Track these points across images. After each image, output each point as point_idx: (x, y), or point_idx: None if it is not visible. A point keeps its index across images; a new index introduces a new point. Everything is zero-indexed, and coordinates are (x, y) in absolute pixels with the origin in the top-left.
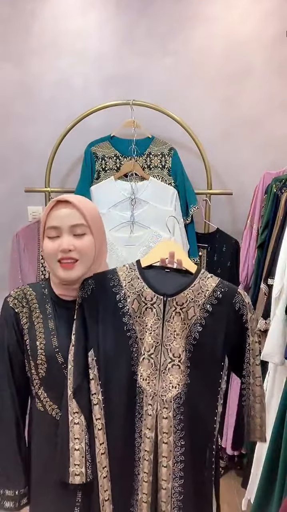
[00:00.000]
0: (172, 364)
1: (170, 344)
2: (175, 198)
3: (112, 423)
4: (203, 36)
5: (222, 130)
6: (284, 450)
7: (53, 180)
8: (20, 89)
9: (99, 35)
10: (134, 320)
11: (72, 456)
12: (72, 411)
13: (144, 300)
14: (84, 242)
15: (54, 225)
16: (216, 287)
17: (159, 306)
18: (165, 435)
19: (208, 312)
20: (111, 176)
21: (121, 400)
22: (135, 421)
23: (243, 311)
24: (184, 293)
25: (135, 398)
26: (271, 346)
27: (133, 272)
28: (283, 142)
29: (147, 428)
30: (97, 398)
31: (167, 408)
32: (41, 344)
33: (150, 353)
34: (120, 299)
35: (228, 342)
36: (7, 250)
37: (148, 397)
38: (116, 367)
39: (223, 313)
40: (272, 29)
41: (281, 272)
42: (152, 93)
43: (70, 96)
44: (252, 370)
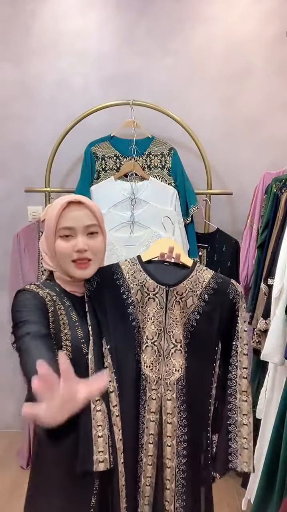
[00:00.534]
0: (175, 349)
1: (172, 331)
2: (175, 198)
3: (124, 411)
4: (203, 36)
5: (222, 130)
6: (284, 450)
7: (53, 180)
8: (20, 89)
9: (99, 35)
10: (137, 310)
11: (95, 444)
12: (94, 399)
13: (147, 290)
14: (97, 241)
15: (68, 226)
16: (212, 279)
17: (161, 296)
18: (169, 415)
19: (204, 301)
20: (111, 176)
21: (129, 387)
22: (139, 411)
23: (236, 300)
24: (183, 283)
25: (139, 385)
26: (271, 346)
27: (135, 266)
28: (283, 142)
29: (152, 412)
30: (113, 386)
31: (171, 390)
32: (67, 335)
33: (154, 341)
34: (124, 290)
35: (221, 328)
36: (7, 250)
37: (152, 383)
38: (124, 356)
39: (218, 301)
40: (272, 29)
41: (281, 272)
42: (152, 93)
43: (70, 96)
44: (239, 359)
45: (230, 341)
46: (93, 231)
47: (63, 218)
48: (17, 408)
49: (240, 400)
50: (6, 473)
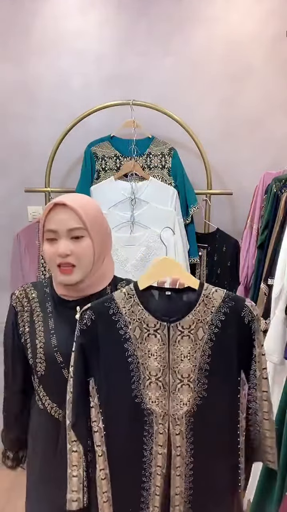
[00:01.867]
0: (181, 384)
1: (177, 367)
2: (175, 198)
3: (115, 448)
4: (203, 36)
5: (222, 130)
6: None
7: (53, 180)
8: (20, 89)
9: (99, 35)
10: (136, 346)
11: (70, 483)
12: (71, 440)
13: (146, 327)
14: (81, 246)
15: (51, 228)
16: (222, 302)
17: (163, 332)
18: (178, 448)
19: (217, 327)
20: (111, 176)
21: (124, 425)
22: (143, 441)
23: (252, 324)
24: (189, 316)
25: (143, 419)
26: (270, 345)
27: (131, 299)
28: (283, 142)
29: (159, 445)
30: (97, 426)
31: (179, 424)
32: (41, 343)
33: (158, 377)
34: (121, 326)
35: (240, 355)
36: (7, 250)
37: (158, 417)
38: (117, 393)
39: (232, 327)
40: (272, 29)
41: (281, 272)
42: (152, 93)
43: (70, 96)
44: (258, 384)
45: (248, 366)
46: (78, 235)
47: (48, 221)
48: None
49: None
50: (6, 473)
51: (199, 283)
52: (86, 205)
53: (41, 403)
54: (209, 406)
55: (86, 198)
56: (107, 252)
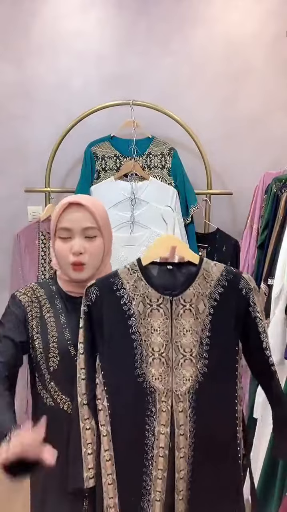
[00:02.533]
0: (184, 359)
1: (180, 341)
2: (175, 198)
3: (119, 428)
4: (203, 36)
5: (222, 130)
6: None
7: (53, 180)
8: (20, 89)
9: (99, 35)
10: (139, 322)
11: (85, 461)
12: (83, 417)
13: (149, 302)
14: (94, 245)
15: (66, 226)
16: (221, 276)
17: (166, 306)
18: (182, 427)
19: (216, 300)
20: (111, 176)
21: (127, 403)
22: (146, 421)
23: (249, 295)
24: (189, 289)
25: (146, 398)
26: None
27: (135, 274)
28: (283, 142)
29: (162, 424)
30: (101, 404)
31: (182, 401)
32: (54, 338)
33: (161, 352)
34: (125, 302)
35: (239, 326)
36: (7, 250)
37: (161, 395)
38: (120, 371)
39: (231, 299)
40: (272, 29)
41: (281, 272)
42: (152, 93)
43: (70, 96)
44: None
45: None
46: (92, 234)
47: (62, 219)
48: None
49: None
50: None
51: (199, 258)
52: (97, 205)
53: (52, 399)
54: (210, 381)
55: (93, 198)
56: (110, 253)
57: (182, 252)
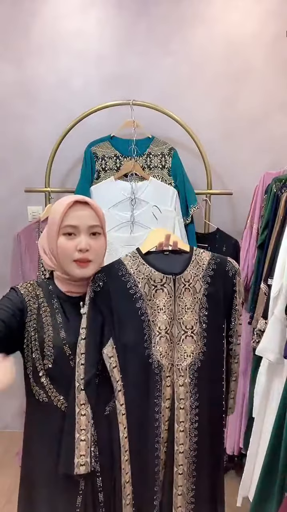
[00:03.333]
0: (186, 335)
1: (182, 318)
2: (175, 198)
3: (134, 406)
4: (203, 36)
5: (222, 130)
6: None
7: (53, 180)
8: (20, 89)
9: (99, 35)
10: (146, 303)
11: (77, 447)
12: (79, 403)
13: (153, 283)
14: (99, 242)
15: (73, 224)
16: (210, 260)
17: (169, 285)
18: (182, 401)
19: (208, 283)
20: (111, 176)
21: (139, 383)
22: (155, 401)
23: (235, 276)
24: (187, 269)
25: (154, 377)
26: (267, 343)
27: (137, 260)
28: (283, 142)
29: (167, 399)
30: (119, 385)
31: (183, 376)
32: (49, 336)
33: (166, 330)
34: (131, 285)
35: (225, 306)
36: (7, 250)
37: (166, 371)
38: (133, 352)
39: (220, 280)
40: (272, 29)
41: (280, 272)
42: (152, 93)
43: (70, 96)
44: (236, 330)
45: (229, 315)
46: (96, 232)
47: (68, 216)
48: (17, 408)
49: (232, 363)
50: (6, 473)
51: (189, 246)
52: (97, 205)
53: (46, 396)
54: (209, 359)
55: None
56: None
57: (175, 239)
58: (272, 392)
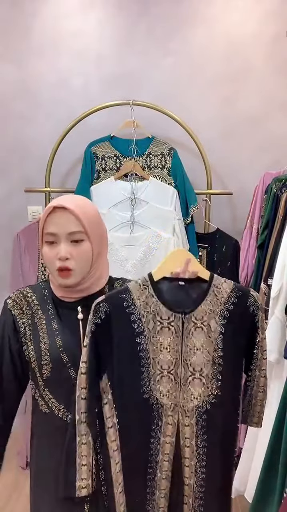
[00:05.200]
0: (193, 378)
1: (190, 359)
2: (175, 198)
3: (127, 444)
4: (203, 36)
5: (222, 130)
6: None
7: (53, 180)
8: (20, 89)
9: (99, 35)
10: (148, 340)
11: (79, 471)
12: (80, 433)
13: (160, 319)
14: (81, 249)
15: (51, 231)
16: (231, 293)
17: (177, 324)
18: (187, 440)
19: (225, 318)
20: (111, 176)
21: (133, 419)
22: (151, 434)
23: (256, 312)
24: (201, 306)
25: (152, 413)
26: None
27: (146, 290)
28: (283, 142)
29: (167, 435)
30: (111, 421)
31: (189, 417)
32: (45, 345)
33: (170, 370)
34: (135, 319)
35: (245, 343)
36: (7, 250)
37: (167, 410)
38: (129, 388)
39: (239, 316)
40: (272, 29)
41: (279, 272)
42: (152, 93)
43: (70, 96)
44: (258, 364)
45: (251, 351)
46: (78, 239)
47: (48, 223)
48: None
49: (256, 392)
50: (6, 473)
51: (209, 274)
52: (84, 207)
53: (47, 406)
54: (222, 402)
55: (83, 199)
56: (104, 252)
57: (194, 266)
58: (271, 391)
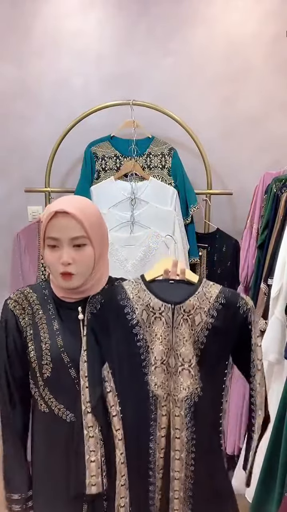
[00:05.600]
0: (182, 368)
1: (179, 349)
2: (175, 198)
3: (129, 433)
4: (203, 36)
5: (222, 130)
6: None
7: (53, 180)
8: (20, 89)
9: (99, 35)
10: (144, 330)
11: (88, 468)
12: (87, 425)
13: (152, 310)
14: (84, 254)
15: (53, 236)
16: (219, 293)
17: (167, 314)
18: (177, 431)
19: (213, 317)
20: (111, 176)
21: (136, 409)
22: (150, 430)
23: (247, 314)
24: (190, 300)
25: (150, 407)
26: (268, 344)
27: (139, 285)
28: (283, 142)
29: (162, 428)
30: (115, 410)
31: (179, 407)
32: (46, 345)
33: (163, 360)
34: (128, 311)
35: (233, 343)
36: (7, 250)
37: (161, 401)
38: (130, 377)
39: (228, 316)
40: (272, 29)
41: (280, 272)
42: (152, 93)
43: (70, 96)
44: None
45: (246, 357)
46: (81, 243)
47: (50, 227)
48: None
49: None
50: None
51: (198, 277)
52: (86, 210)
53: (46, 406)
54: (206, 395)
55: (84, 201)
56: (105, 252)
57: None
58: (271, 391)
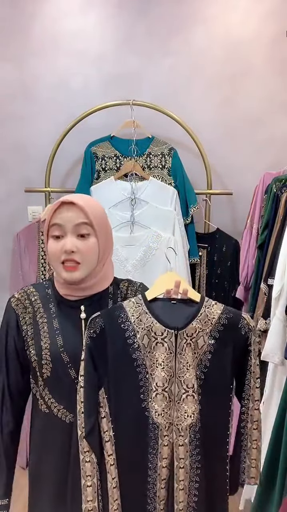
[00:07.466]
0: (186, 395)
1: (183, 376)
2: (175, 198)
3: (124, 459)
4: (203, 36)
5: (222, 130)
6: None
7: (53, 180)
8: (20, 89)
9: (99, 35)
10: (145, 355)
11: (84, 493)
12: (83, 450)
13: (154, 335)
14: (87, 244)
15: (57, 222)
16: (221, 314)
17: (170, 340)
18: (182, 460)
19: (215, 338)
20: (111, 176)
21: (133, 435)
22: (149, 457)
23: (248, 335)
24: (192, 324)
25: (149, 434)
26: (271, 346)
27: (140, 307)
28: (283, 142)
29: (164, 458)
30: (108, 435)
31: (183, 436)
32: (46, 344)
33: (164, 387)
34: (129, 335)
35: (235, 366)
36: (7, 250)
37: (163, 430)
38: (126, 404)
39: (229, 338)
40: (272, 29)
41: (281, 272)
42: (152, 93)
43: (70, 96)
44: (252, 393)
45: (243, 375)
46: (85, 233)
47: (54, 217)
48: None
49: (251, 429)
50: None
51: (200, 296)
52: (92, 204)
53: (46, 406)
54: (206, 419)
55: (91, 198)
56: (110, 253)
57: (185, 287)
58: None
